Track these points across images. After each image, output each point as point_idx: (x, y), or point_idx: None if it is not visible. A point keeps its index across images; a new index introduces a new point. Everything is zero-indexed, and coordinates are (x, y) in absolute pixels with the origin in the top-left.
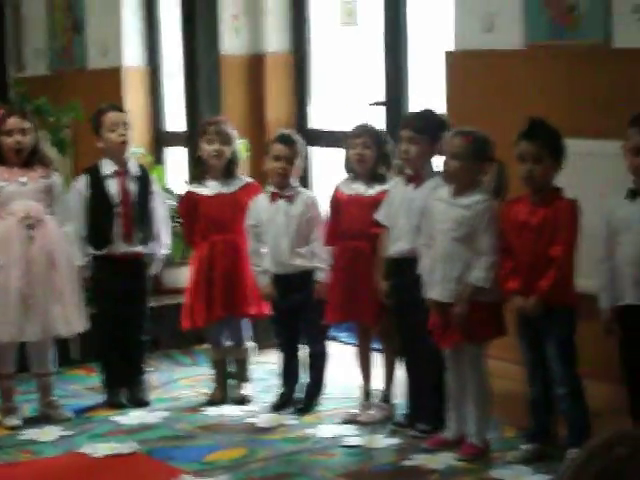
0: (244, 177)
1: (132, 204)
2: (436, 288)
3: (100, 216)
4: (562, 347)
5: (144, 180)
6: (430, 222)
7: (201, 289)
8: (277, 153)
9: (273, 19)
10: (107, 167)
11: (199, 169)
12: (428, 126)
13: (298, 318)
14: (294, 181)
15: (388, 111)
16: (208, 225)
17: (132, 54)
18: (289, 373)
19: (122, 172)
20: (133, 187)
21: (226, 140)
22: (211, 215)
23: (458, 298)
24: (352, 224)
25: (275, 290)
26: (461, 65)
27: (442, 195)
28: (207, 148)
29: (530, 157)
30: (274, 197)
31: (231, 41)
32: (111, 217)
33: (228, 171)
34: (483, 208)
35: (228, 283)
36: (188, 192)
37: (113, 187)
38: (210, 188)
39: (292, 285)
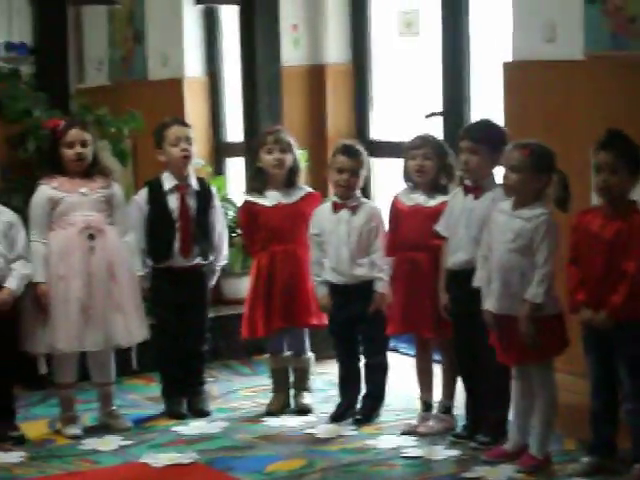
0: (305, 187)
1: (191, 220)
2: (492, 300)
3: (159, 230)
4: (634, 363)
5: (204, 195)
6: (490, 233)
7: (261, 299)
8: (340, 165)
9: (333, 29)
10: (168, 181)
11: (259, 180)
12: (488, 136)
13: (356, 329)
14: (357, 192)
15: (446, 122)
16: (268, 235)
17: (193, 64)
18: (347, 384)
19: (183, 187)
20: (193, 202)
21: (286, 148)
22: (271, 225)
23: (520, 318)
24: (411, 235)
25: (332, 301)
26: (519, 76)
27: (504, 207)
28: (267, 158)
29: (606, 167)
30: (337, 207)
31: (291, 52)
32: (170, 232)
33: (289, 181)
34: (542, 221)
35: (288, 293)
36: (247, 202)
37: (173, 202)
38: (270, 198)
39: (350, 296)
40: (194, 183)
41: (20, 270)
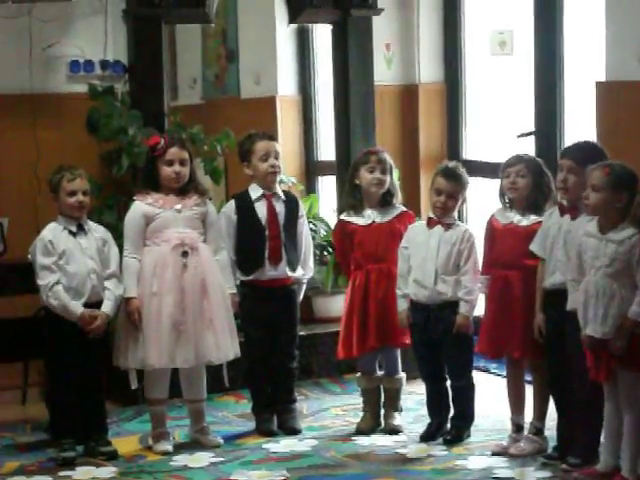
0: (400, 206)
1: (280, 226)
2: (591, 324)
3: (249, 239)
4: None
5: (291, 204)
6: (580, 257)
7: (356, 318)
8: (439, 187)
9: (426, 49)
10: (255, 191)
11: (355, 197)
12: (589, 157)
13: (439, 351)
14: (454, 214)
15: (538, 141)
16: (363, 254)
17: (285, 83)
18: (435, 405)
19: (270, 195)
20: (281, 210)
21: (387, 169)
22: (366, 244)
23: (617, 333)
24: (505, 253)
25: (412, 322)
26: (612, 96)
27: (591, 230)
28: (368, 176)
29: None
30: (431, 223)
31: (384, 71)
32: (260, 239)
33: (384, 201)
34: (636, 241)
35: (382, 313)
36: (341, 221)
37: (261, 210)
38: (365, 217)
39: (430, 316)
40: (280, 192)
41: (114, 291)
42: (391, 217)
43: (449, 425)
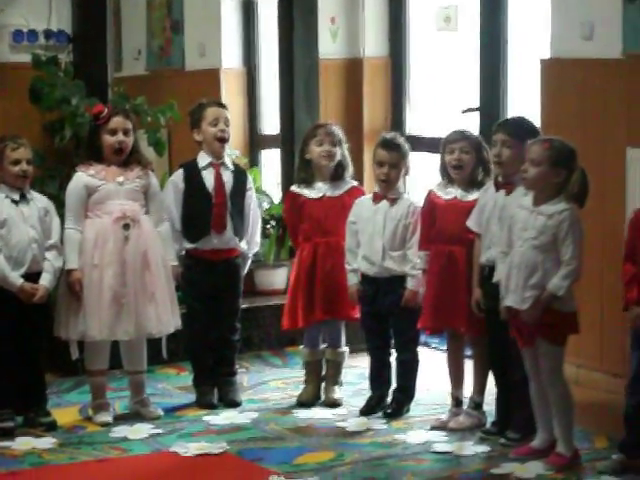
0: (351, 181)
1: (226, 195)
2: (512, 295)
3: (196, 207)
4: None
5: (240, 176)
6: (510, 230)
7: (302, 291)
8: (380, 159)
9: (371, 23)
10: (203, 159)
11: (306, 171)
12: (522, 132)
13: (387, 323)
14: (400, 185)
15: (482, 117)
16: (312, 227)
17: (230, 56)
18: (378, 378)
19: (217, 164)
20: (228, 179)
21: (336, 142)
22: (316, 217)
23: (535, 304)
24: (449, 228)
25: (362, 292)
26: (556, 73)
27: (524, 203)
28: (317, 150)
29: None
30: (377, 198)
31: (328, 45)
32: (206, 207)
33: (336, 174)
34: (565, 217)
35: (329, 285)
36: (292, 193)
37: (209, 178)
38: (316, 190)
39: (380, 289)
40: (229, 162)
41: (54, 263)
42: (342, 191)
43: (389, 399)
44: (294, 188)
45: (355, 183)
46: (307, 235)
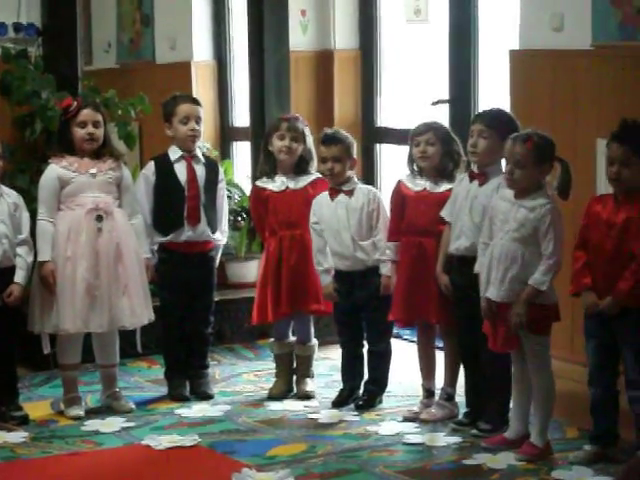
0: (315, 173)
1: (200, 187)
2: (492, 288)
3: (168, 200)
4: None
5: (211, 168)
6: (491, 221)
7: (269, 285)
8: (322, 155)
9: (341, 15)
10: (174, 153)
11: (269, 163)
12: (500, 123)
13: (360, 316)
14: (352, 176)
15: (452, 109)
16: (277, 220)
17: (201, 48)
18: (350, 370)
19: (189, 157)
20: (200, 172)
21: (297, 137)
22: (279, 211)
23: (517, 300)
24: (418, 220)
25: (337, 288)
26: (526, 64)
27: (506, 195)
28: (278, 143)
29: (618, 160)
30: (333, 193)
31: (299, 37)
32: (179, 200)
33: (299, 168)
34: (547, 210)
35: (294, 279)
36: (256, 187)
37: (181, 171)
38: (278, 183)
39: (355, 283)
40: (200, 155)
41: (26, 259)
42: (305, 183)
43: (361, 391)
44: (258, 182)
45: (319, 175)
46: (272, 229)
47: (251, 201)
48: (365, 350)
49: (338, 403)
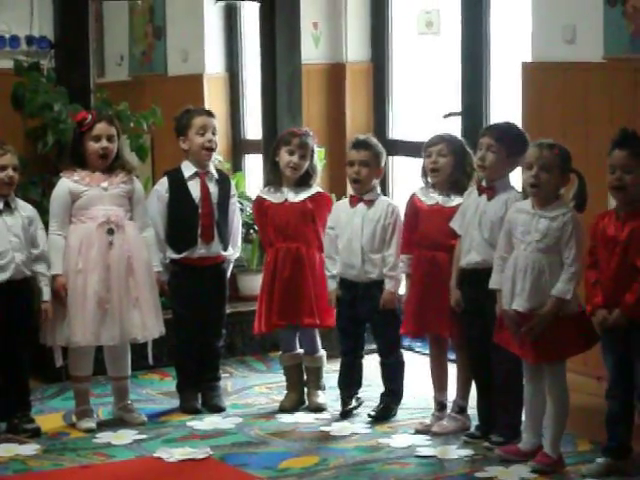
0: (316, 187)
1: (213, 205)
2: (518, 299)
3: (181, 217)
4: None
5: (224, 183)
6: (510, 234)
7: (266, 295)
8: (351, 158)
9: (353, 28)
10: (188, 169)
11: (275, 174)
12: (509, 137)
13: (363, 327)
14: (376, 187)
15: (464, 122)
16: (274, 231)
17: (213, 61)
18: (345, 379)
19: (203, 173)
20: (214, 189)
21: (306, 155)
22: (277, 222)
23: (542, 311)
24: (431, 234)
25: (340, 297)
26: (538, 77)
27: (523, 207)
28: (286, 158)
29: (620, 166)
30: (353, 201)
31: (311, 50)
32: (192, 218)
33: (302, 180)
34: (568, 219)
35: (288, 291)
36: (258, 198)
37: (194, 188)
38: (279, 195)
39: (358, 294)
40: (214, 171)
41: (46, 274)
42: (304, 197)
43: (356, 400)
44: (260, 193)
45: (320, 189)
46: (270, 240)
47: (254, 211)
48: (378, 362)
49: (345, 413)
